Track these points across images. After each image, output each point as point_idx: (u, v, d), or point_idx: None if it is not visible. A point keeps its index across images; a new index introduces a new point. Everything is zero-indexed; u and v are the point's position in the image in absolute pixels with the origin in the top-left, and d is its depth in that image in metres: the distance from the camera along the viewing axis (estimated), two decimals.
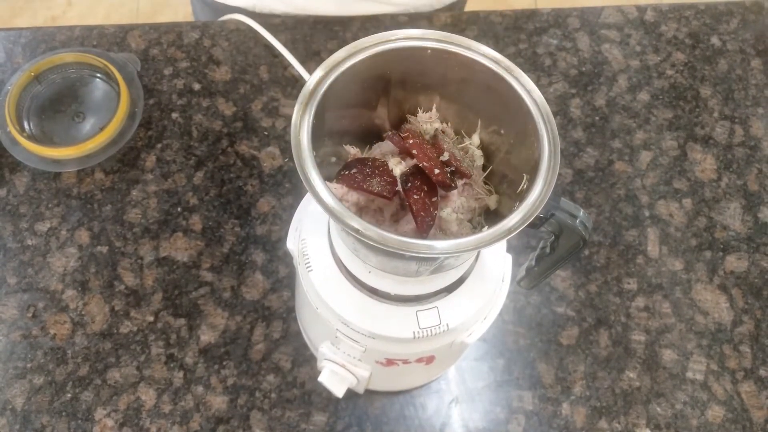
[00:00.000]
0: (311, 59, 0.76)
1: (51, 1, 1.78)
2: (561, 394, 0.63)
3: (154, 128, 0.73)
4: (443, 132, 0.45)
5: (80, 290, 0.65)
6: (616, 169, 0.74)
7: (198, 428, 0.60)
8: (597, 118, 0.76)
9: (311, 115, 0.38)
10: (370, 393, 0.62)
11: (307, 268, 0.47)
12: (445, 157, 0.41)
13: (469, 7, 0.89)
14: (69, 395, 0.61)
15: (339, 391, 0.53)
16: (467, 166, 0.43)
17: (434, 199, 0.41)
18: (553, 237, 0.44)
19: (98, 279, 0.65)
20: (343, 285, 0.46)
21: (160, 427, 0.60)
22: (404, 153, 0.43)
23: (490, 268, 0.48)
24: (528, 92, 0.40)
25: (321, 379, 0.53)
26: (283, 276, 0.66)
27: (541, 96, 0.39)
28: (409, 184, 0.40)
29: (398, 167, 0.42)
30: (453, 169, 0.41)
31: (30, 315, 0.64)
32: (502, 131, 0.43)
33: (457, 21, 0.81)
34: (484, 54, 0.41)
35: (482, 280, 0.47)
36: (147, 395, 0.61)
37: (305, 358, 0.63)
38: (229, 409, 0.61)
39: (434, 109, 0.45)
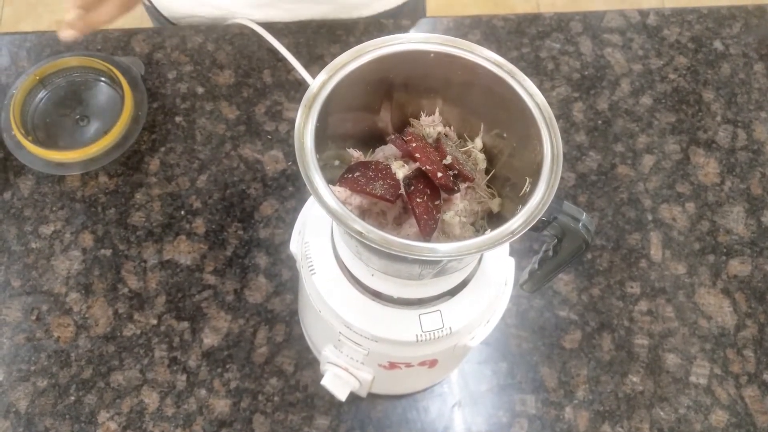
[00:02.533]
0: (314, 63, 0.77)
1: (55, 6, 1.78)
2: (564, 398, 0.63)
3: (157, 132, 0.73)
4: (446, 135, 0.45)
5: (84, 293, 0.65)
6: (619, 172, 0.74)
7: (201, 431, 0.60)
8: (600, 121, 0.77)
9: (314, 119, 0.38)
10: (372, 396, 0.62)
11: (310, 271, 0.47)
12: (448, 160, 0.41)
13: (472, 11, 0.89)
14: (72, 398, 0.61)
15: (342, 395, 0.53)
16: (470, 169, 0.43)
17: (437, 203, 0.41)
18: (556, 240, 0.44)
19: (102, 282, 0.66)
20: (346, 288, 0.46)
21: (163, 430, 0.60)
22: (407, 156, 0.43)
23: (493, 271, 0.48)
24: (531, 96, 0.40)
25: (324, 382, 0.53)
26: (286, 279, 0.66)
27: (544, 100, 0.40)
28: (412, 188, 0.40)
29: (401, 170, 0.42)
30: (456, 172, 0.41)
31: (34, 318, 0.64)
32: (505, 135, 0.43)
33: (459, 25, 0.81)
34: (486, 58, 0.41)
35: (485, 283, 0.47)
36: (150, 398, 0.61)
37: (308, 362, 0.63)
38: (231, 413, 0.61)
39: (437, 113, 0.45)
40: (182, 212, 0.69)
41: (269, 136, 0.73)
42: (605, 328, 0.66)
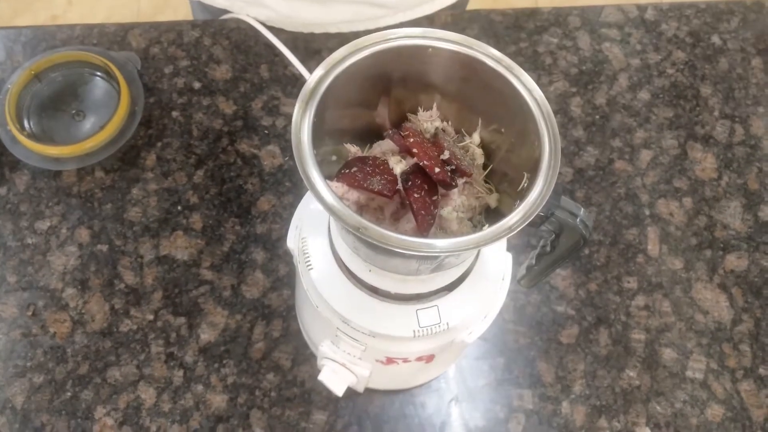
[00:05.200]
0: (312, 58, 0.76)
1: (52, 1, 1.77)
2: (561, 392, 0.63)
3: (154, 127, 0.73)
4: (444, 130, 0.45)
5: (80, 289, 0.65)
6: (617, 167, 0.74)
7: (198, 427, 0.60)
8: (597, 116, 0.76)
9: (312, 114, 0.38)
10: (370, 391, 0.62)
11: (308, 266, 0.47)
12: (446, 155, 0.41)
13: (470, 5, 0.89)
14: (69, 394, 0.61)
15: (339, 390, 0.53)
16: (468, 164, 0.43)
17: (435, 198, 0.41)
18: (554, 236, 0.44)
19: (98, 277, 0.65)
20: (343, 283, 0.46)
21: (160, 425, 0.60)
22: (405, 151, 0.43)
23: (491, 266, 0.48)
24: (529, 91, 0.40)
25: (321, 377, 0.53)
26: (283, 274, 0.66)
27: (542, 95, 0.39)
28: (410, 183, 0.40)
29: (399, 166, 0.42)
30: (453, 167, 0.41)
31: (30, 313, 0.64)
32: (503, 130, 0.43)
33: (458, 19, 0.81)
34: (484, 53, 0.41)
35: (482, 278, 0.47)
36: (147, 394, 0.61)
37: (305, 357, 0.63)
38: (228, 408, 0.61)
39: (435, 108, 0.45)
40: (179, 207, 0.69)
41: (266, 131, 0.73)
42: (602, 323, 0.66)
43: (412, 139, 0.41)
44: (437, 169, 0.40)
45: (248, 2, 0.76)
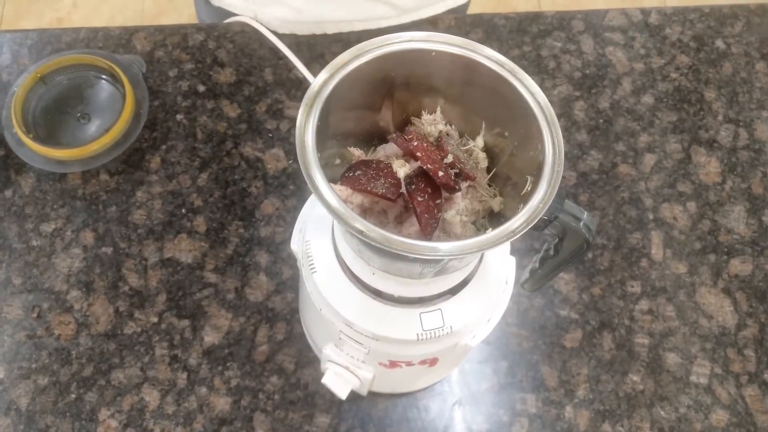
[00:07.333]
0: (315, 61, 0.77)
1: (56, 3, 1.78)
2: (564, 397, 0.63)
3: (158, 130, 0.73)
4: (447, 134, 0.45)
5: (85, 291, 0.65)
6: (620, 171, 0.74)
7: (201, 429, 0.60)
8: (601, 120, 0.76)
9: (316, 117, 0.38)
10: (373, 395, 0.62)
11: (311, 269, 0.47)
12: (449, 159, 0.41)
13: (474, 9, 0.89)
14: (73, 396, 0.61)
15: (342, 393, 0.53)
16: (471, 168, 0.43)
17: (438, 201, 0.41)
18: (557, 239, 0.44)
19: (103, 280, 0.66)
20: (346, 287, 0.46)
21: (164, 428, 0.60)
22: (408, 155, 0.43)
23: (494, 270, 0.48)
24: (532, 94, 0.40)
25: (324, 380, 0.53)
26: (287, 277, 0.66)
27: (545, 98, 0.39)
28: (413, 186, 0.40)
29: (402, 169, 0.42)
30: (457, 171, 0.41)
31: (35, 315, 0.64)
32: (506, 134, 0.43)
33: (461, 23, 0.81)
34: (488, 56, 0.41)
35: (486, 282, 0.47)
36: (151, 396, 0.61)
37: (309, 360, 0.63)
38: (232, 411, 0.61)
39: (438, 111, 0.45)
40: (183, 210, 0.69)
41: (270, 135, 0.73)
42: (606, 327, 0.66)
43: (415, 143, 0.41)
44: (441, 173, 0.40)
45: (263, 3, 0.77)
